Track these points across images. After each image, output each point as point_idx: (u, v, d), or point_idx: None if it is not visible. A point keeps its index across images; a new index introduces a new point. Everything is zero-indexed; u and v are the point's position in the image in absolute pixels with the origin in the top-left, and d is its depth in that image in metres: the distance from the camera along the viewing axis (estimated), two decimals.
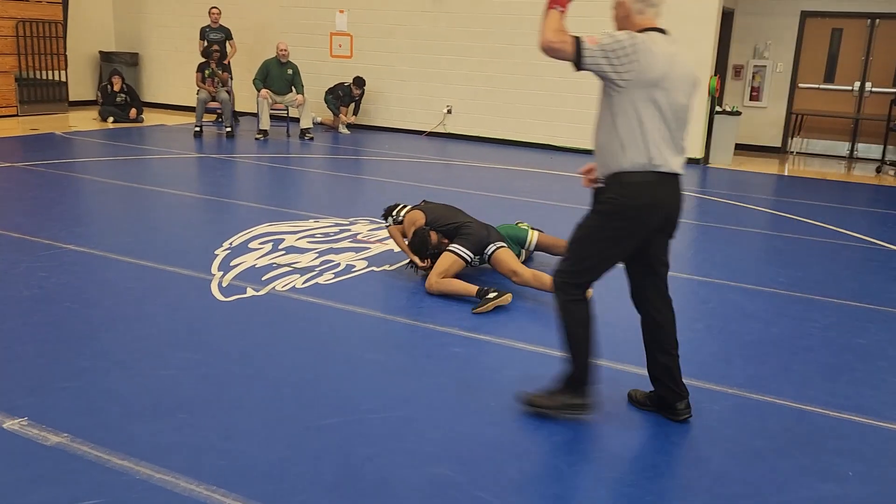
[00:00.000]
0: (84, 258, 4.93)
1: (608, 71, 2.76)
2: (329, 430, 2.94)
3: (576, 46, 2.74)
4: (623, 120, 2.80)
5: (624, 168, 2.82)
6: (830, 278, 5.27)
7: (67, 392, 3.14)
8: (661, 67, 2.75)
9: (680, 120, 2.84)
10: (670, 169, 2.84)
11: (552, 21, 2.77)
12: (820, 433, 3.08)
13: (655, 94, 2.76)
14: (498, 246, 4.69)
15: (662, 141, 2.80)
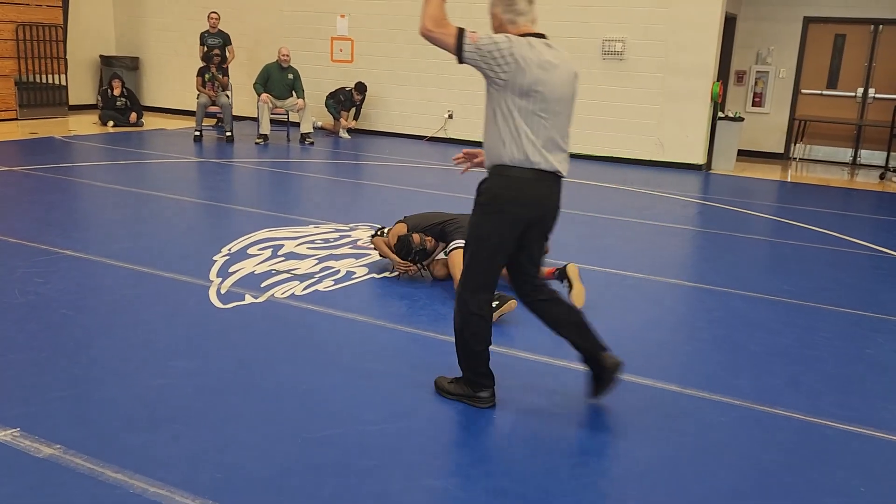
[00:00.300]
0: (81, 264, 4.87)
1: (485, 69, 2.84)
2: (328, 441, 2.87)
3: (457, 40, 2.81)
4: (502, 117, 2.90)
5: (504, 162, 2.92)
6: (836, 287, 5.21)
7: (61, 402, 3.07)
8: (534, 72, 2.83)
9: (559, 121, 2.94)
10: (549, 167, 2.92)
11: (434, 8, 2.82)
12: (830, 447, 3.01)
13: (530, 95, 2.85)
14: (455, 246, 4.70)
15: (540, 140, 2.89)
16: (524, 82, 2.83)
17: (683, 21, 9.95)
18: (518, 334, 4.10)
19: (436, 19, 2.81)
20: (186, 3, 13.17)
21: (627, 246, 6.11)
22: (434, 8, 2.81)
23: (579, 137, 10.83)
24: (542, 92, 2.86)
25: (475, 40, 2.81)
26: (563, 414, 3.20)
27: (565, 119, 2.98)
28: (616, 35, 10.32)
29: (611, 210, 7.43)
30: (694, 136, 10.21)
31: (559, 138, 2.96)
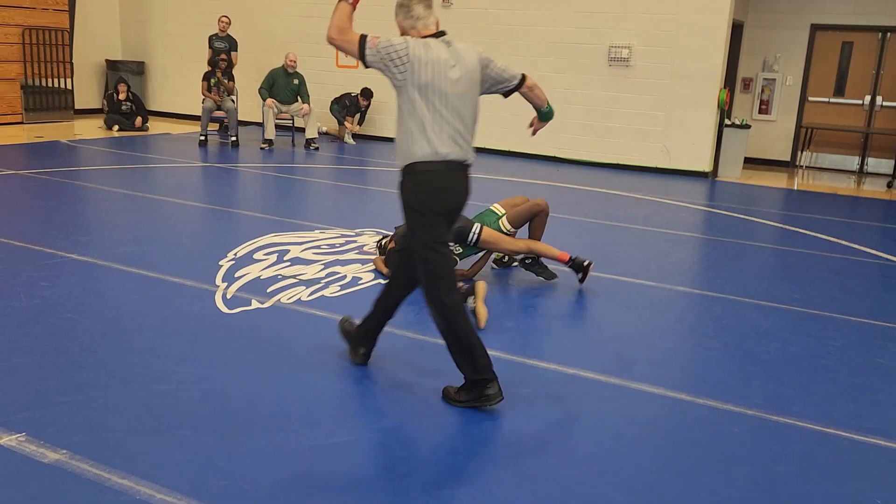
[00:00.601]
0: (86, 268, 4.84)
1: (384, 70, 3.07)
2: (335, 449, 2.84)
3: (360, 46, 3.06)
4: (407, 115, 3.08)
5: (415, 158, 3.08)
6: (846, 295, 5.16)
7: (66, 407, 3.05)
8: (429, 69, 3.03)
9: (462, 114, 3.11)
10: (457, 158, 3.11)
11: (339, 18, 3.06)
12: (844, 457, 2.97)
13: (429, 92, 3.04)
14: (478, 228, 4.72)
15: (445, 133, 3.06)
16: (422, 79, 3.03)
17: (690, 28, 9.93)
18: (523, 340, 4.07)
19: (340, 28, 3.04)
20: (192, 9, 13.19)
21: (635, 253, 6.07)
22: (339, 19, 3.05)
23: (586, 144, 10.83)
24: (439, 87, 3.04)
25: (375, 44, 3.05)
26: (570, 421, 3.16)
27: (468, 112, 3.15)
28: (622, 42, 10.30)
29: (618, 217, 7.40)
30: (700, 143, 10.18)
31: (463, 130, 3.12)
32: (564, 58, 10.70)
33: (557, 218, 7.18)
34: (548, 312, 4.51)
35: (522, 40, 10.92)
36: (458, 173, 3.15)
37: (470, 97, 3.16)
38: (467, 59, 3.15)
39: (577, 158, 10.84)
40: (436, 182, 3.10)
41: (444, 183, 3.12)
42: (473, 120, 3.21)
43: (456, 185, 3.16)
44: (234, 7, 12.67)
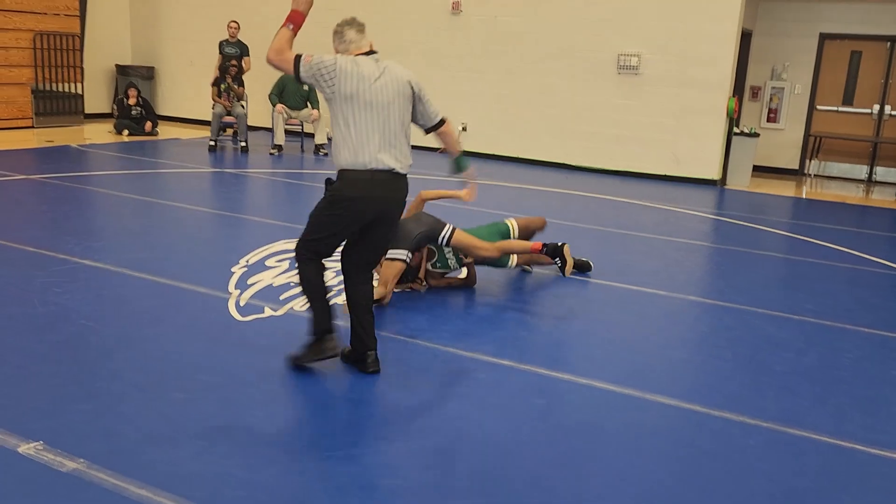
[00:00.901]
0: (99, 274, 4.86)
1: (316, 84, 3.34)
2: (352, 460, 2.84)
3: (294, 63, 3.33)
4: (336, 125, 3.36)
5: (343, 165, 3.35)
6: (859, 306, 5.15)
7: (83, 415, 3.05)
8: (356, 82, 3.30)
9: (389, 126, 3.35)
10: (383, 166, 3.33)
11: (279, 40, 3.34)
12: (861, 471, 2.96)
13: (356, 105, 3.31)
14: (450, 230, 4.67)
15: (371, 143, 3.31)
16: (348, 92, 3.30)
17: (699, 36, 9.94)
18: (537, 350, 4.07)
19: (278, 50, 3.33)
20: (202, 14, 13.25)
21: (646, 262, 6.07)
22: (279, 42, 3.33)
23: (594, 151, 10.83)
24: (364, 99, 3.31)
25: (308, 61, 3.33)
26: (586, 432, 3.16)
27: (394, 122, 3.37)
28: (631, 50, 10.31)
29: (628, 225, 7.40)
30: (709, 151, 10.18)
31: (391, 138, 3.36)
32: (573, 65, 10.72)
33: (567, 226, 7.18)
34: (560, 322, 4.50)
35: (531, 48, 10.94)
36: (383, 181, 3.36)
37: (398, 108, 3.38)
38: (396, 74, 3.43)
39: (585, 165, 10.85)
40: (357, 189, 3.35)
41: (365, 190, 3.34)
42: (403, 130, 3.43)
43: (379, 192, 3.37)
44: (244, 13, 12.72)
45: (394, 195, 3.44)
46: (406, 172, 3.46)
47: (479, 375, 3.69)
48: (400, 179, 3.43)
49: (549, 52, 10.84)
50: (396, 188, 3.43)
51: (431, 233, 4.65)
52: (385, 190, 3.38)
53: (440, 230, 4.67)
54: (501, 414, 3.28)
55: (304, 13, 3.44)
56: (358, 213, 3.38)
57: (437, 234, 4.66)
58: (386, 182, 3.37)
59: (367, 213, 3.39)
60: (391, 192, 3.42)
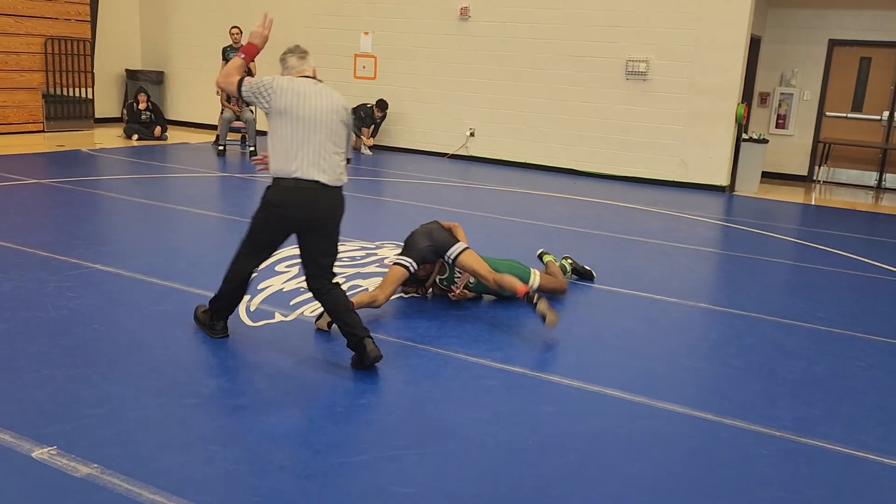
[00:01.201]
0: (111, 278, 4.88)
1: (255, 101, 3.63)
2: (364, 466, 2.85)
3: (237, 85, 3.65)
4: (272, 137, 3.60)
5: (274, 173, 3.60)
6: (869, 314, 5.14)
7: (97, 419, 3.07)
8: (289, 98, 3.55)
9: (319, 140, 3.57)
10: (310, 178, 3.55)
11: (230, 66, 3.70)
12: (876, 482, 2.95)
13: (289, 118, 3.55)
14: (460, 249, 4.62)
15: (301, 155, 3.54)
16: (279, 106, 3.55)
17: (708, 42, 9.93)
18: (549, 357, 4.06)
19: (225, 74, 3.70)
20: (211, 19, 13.31)
21: (655, 269, 6.06)
22: (228, 67, 3.69)
23: (603, 157, 10.83)
24: (297, 113, 3.54)
25: (249, 82, 3.64)
26: (597, 441, 3.15)
27: (325, 138, 3.59)
28: (640, 55, 10.31)
29: (637, 231, 7.39)
30: (718, 157, 10.16)
31: (320, 151, 3.58)
32: (582, 71, 10.72)
33: (577, 232, 7.18)
34: (570, 329, 4.50)
35: (540, 53, 10.95)
36: (309, 191, 3.57)
37: (329, 125, 3.61)
38: (331, 95, 3.68)
39: (594, 171, 10.84)
40: (283, 196, 3.59)
41: (295, 199, 3.57)
42: (334, 145, 3.63)
43: (304, 201, 3.58)
44: (252, 18, 12.78)
45: (320, 205, 3.61)
46: (335, 185, 3.63)
47: (488, 382, 3.69)
48: (328, 191, 3.61)
49: (557, 58, 10.85)
50: (323, 199, 3.61)
51: (440, 248, 4.64)
52: (310, 199, 3.58)
53: (449, 247, 4.64)
54: (511, 421, 3.28)
55: (259, 47, 3.78)
56: (283, 219, 3.62)
57: (444, 251, 4.64)
58: (311, 192, 3.57)
59: (293, 220, 3.61)
60: (317, 202, 3.60)
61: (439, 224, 4.90)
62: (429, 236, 4.68)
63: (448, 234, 4.75)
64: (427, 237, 4.68)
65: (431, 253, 4.66)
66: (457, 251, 4.62)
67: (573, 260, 5.50)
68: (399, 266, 4.57)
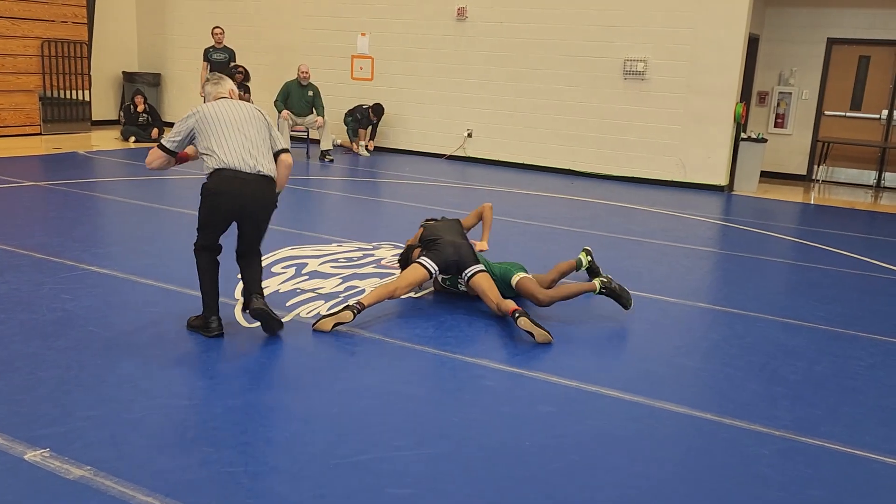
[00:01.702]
0: (106, 280, 4.85)
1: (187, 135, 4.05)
2: (360, 467, 2.81)
3: (161, 148, 4.08)
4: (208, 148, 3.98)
5: (212, 168, 3.97)
6: (870, 314, 5.11)
7: (91, 421, 3.03)
8: (215, 111, 4.04)
9: (249, 137, 4.02)
10: (247, 168, 3.96)
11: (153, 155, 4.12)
12: (878, 482, 2.92)
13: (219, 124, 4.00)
14: (476, 270, 4.59)
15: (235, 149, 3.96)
16: (207, 116, 4.02)
17: (706, 42, 9.91)
18: (546, 357, 4.03)
19: (148, 162, 4.13)
20: (209, 21, 13.26)
21: (655, 269, 6.03)
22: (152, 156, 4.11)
23: (601, 157, 10.80)
24: (225, 119, 4.01)
25: (170, 137, 4.07)
26: (598, 442, 3.12)
27: (254, 135, 4.04)
28: (638, 55, 10.29)
29: (637, 232, 7.36)
30: (716, 157, 10.14)
31: (250, 147, 4.00)
32: (579, 71, 10.70)
33: (576, 232, 7.16)
34: (570, 329, 4.47)
35: (537, 53, 10.93)
36: (238, 182, 3.94)
37: (255, 124, 4.07)
38: (248, 105, 4.17)
39: (592, 171, 10.82)
40: (221, 185, 3.95)
41: (227, 186, 3.94)
42: (262, 141, 4.07)
43: (235, 190, 3.94)
44: (248, 19, 12.76)
45: (253, 192, 3.98)
46: (267, 175, 4.02)
47: (486, 382, 3.66)
48: (261, 180, 3.99)
49: (554, 58, 10.83)
50: (252, 190, 3.97)
51: (461, 265, 4.64)
52: (242, 190, 3.94)
53: (467, 266, 4.63)
54: (510, 421, 3.25)
55: (189, 157, 4.21)
56: (222, 205, 3.98)
57: (463, 269, 4.63)
58: (247, 181, 3.95)
59: (231, 206, 3.98)
60: (251, 190, 3.96)
61: (460, 226, 5.03)
62: (457, 251, 4.67)
63: (473, 251, 4.73)
64: (456, 251, 4.66)
65: (454, 266, 4.65)
66: (472, 272, 4.61)
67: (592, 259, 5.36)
68: (422, 268, 4.57)
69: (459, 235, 4.88)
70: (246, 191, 3.96)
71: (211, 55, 11.27)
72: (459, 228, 5.01)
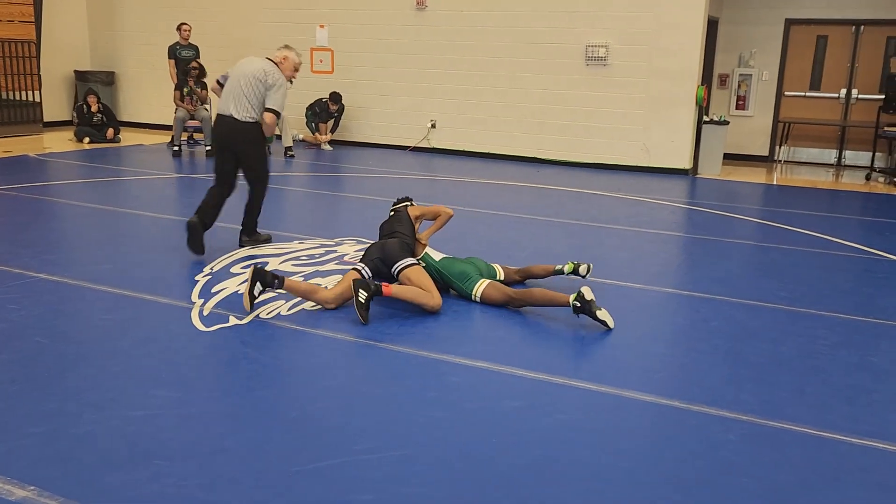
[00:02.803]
0: (57, 288, 4.68)
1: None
2: (321, 473, 2.72)
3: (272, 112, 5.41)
4: None
5: None
6: (833, 292, 5.12)
7: (36, 438, 2.90)
8: (233, 69, 5.52)
9: (236, 90, 5.36)
10: (220, 112, 5.43)
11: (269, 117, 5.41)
12: (845, 463, 2.90)
13: (229, 78, 5.49)
14: (406, 264, 4.50)
15: (225, 98, 5.42)
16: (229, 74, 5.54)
17: (666, 25, 9.91)
18: (511, 350, 3.97)
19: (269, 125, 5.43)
20: (162, 16, 12.98)
21: (619, 255, 6.00)
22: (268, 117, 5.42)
23: (565, 144, 10.77)
24: (232, 73, 5.47)
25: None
26: (564, 435, 3.06)
27: (239, 88, 5.35)
28: (599, 41, 10.26)
29: (601, 218, 7.33)
30: (680, 140, 10.16)
31: (236, 97, 5.35)
32: (541, 58, 10.64)
33: (540, 220, 7.10)
34: (532, 320, 4.41)
35: (498, 41, 10.84)
36: (224, 122, 5.39)
37: (246, 79, 5.33)
38: (256, 64, 5.40)
39: (556, 159, 10.78)
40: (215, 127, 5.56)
41: (217, 128, 5.50)
42: (245, 94, 5.32)
43: (221, 129, 5.44)
44: (204, 13, 12.49)
45: (223, 130, 5.42)
46: (241, 119, 5.32)
47: (451, 379, 3.58)
48: (230, 120, 5.34)
49: (516, 46, 10.75)
50: (226, 126, 5.38)
51: (387, 261, 4.54)
52: (219, 126, 5.45)
53: (395, 262, 4.51)
54: (475, 419, 3.18)
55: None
56: (216, 143, 5.54)
57: (391, 265, 4.52)
58: (220, 121, 5.41)
59: (216, 139, 5.53)
60: (222, 128, 5.42)
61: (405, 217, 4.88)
62: (382, 248, 4.60)
63: (399, 245, 4.60)
64: (380, 248, 4.61)
65: (381, 264, 4.56)
66: (401, 266, 4.50)
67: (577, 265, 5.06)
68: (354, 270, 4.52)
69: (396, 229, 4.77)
70: (219, 129, 5.46)
71: (178, 52, 11.05)
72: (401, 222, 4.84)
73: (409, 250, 4.64)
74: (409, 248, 4.67)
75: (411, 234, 4.81)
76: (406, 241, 4.70)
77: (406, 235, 4.75)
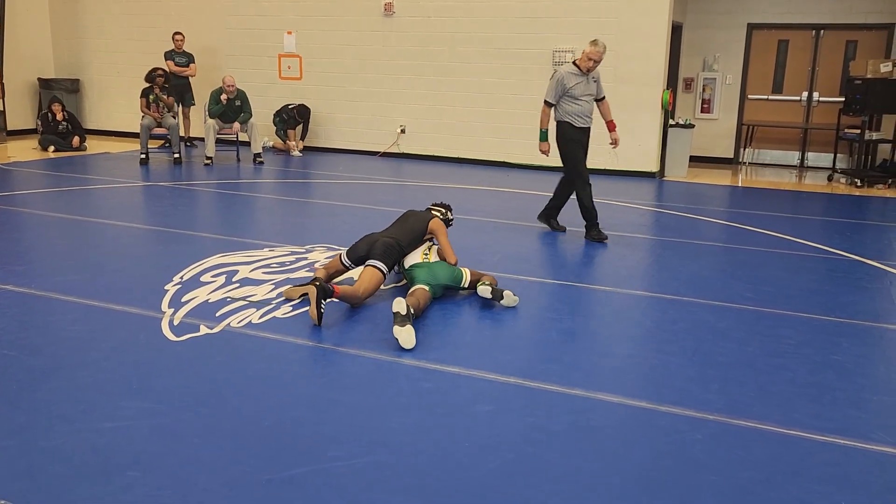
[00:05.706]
0: (23, 299, 4.62)
1: (552, 89, 6.41)
2: (294, 482, 2.73)
3: (547, 104, 6.39)
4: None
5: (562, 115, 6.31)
6: (797, 292, 5.24)
7: (4, 452, 2.87)
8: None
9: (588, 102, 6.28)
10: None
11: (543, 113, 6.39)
12: (808, 459, 2.97)
13: None
14: (370, 264, 4.68)
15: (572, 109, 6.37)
16: (565, 77, 6.42)
17: (631, 31, 10.04)
18: (484, 355, 4.00)
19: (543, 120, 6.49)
20: (127, 22, 12.86)
21: (586, 258, 6.07)
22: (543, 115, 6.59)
23: (534, 148, 10.79)
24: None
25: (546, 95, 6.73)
26: (533, 438, 3.10)
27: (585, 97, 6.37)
28: (565, 46, 10.36)
29: (567, 221, 7.40)
30: (646, 144, 10.29)
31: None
32: (509, 63, 10.72)
33: (509, 225, 7.16)
34: (503, 323, 4.45)
35: (465, 47, 10.90)
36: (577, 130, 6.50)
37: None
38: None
39: (526, 163, 10.86)
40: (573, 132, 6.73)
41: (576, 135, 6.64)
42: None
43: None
44: (173, 20, 12.38)
45: None
46: None
47: (424, 384, 3.60)
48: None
49: (484, 51, 10.82)
50: None
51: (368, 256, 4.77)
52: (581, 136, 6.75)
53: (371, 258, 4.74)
54: (448, 424, 3.20)
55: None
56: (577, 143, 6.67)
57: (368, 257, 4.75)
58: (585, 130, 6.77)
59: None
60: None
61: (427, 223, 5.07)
62: (370, 245, 4.81)
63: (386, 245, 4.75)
64: (368, 245, 4.82)
65: (361, 260, 4.79)
66: (369, 263, 4.70)
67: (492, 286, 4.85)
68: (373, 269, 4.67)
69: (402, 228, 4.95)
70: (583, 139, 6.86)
71: (175, 57, 11.10)
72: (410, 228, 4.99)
73: (392, 255, 4.77)
74: (394, 251, 4.79)
75: (410, 239, 4.94)
76: (395, 245, 4.81)
77: (401, 239, 4.88)
